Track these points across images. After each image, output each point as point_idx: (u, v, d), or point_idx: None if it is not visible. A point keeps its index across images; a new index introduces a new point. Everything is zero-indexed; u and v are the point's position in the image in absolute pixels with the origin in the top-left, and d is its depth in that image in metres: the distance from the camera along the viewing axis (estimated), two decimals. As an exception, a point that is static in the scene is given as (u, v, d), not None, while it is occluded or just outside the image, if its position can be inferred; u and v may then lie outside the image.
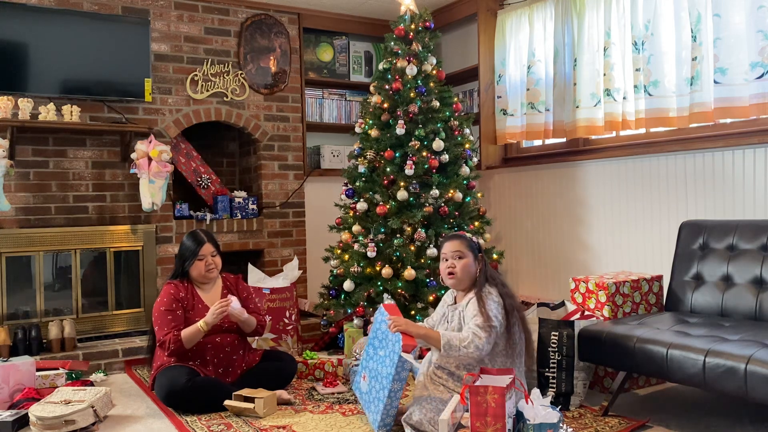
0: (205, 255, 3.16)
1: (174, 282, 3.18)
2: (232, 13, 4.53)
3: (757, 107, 3.02)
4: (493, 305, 2.57)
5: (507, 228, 4.57)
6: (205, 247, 3.16)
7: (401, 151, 3.77)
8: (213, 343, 3.09)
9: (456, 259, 2.71)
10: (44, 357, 3.53)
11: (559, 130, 4.06)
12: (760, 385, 2.14)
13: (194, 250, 3.16)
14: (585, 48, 3.81)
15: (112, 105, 4.08)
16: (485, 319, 2.50)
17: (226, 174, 4.96)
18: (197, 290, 3.20)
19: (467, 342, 2.46)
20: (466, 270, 2.69)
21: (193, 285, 3.21)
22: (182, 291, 3.15)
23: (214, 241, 3.24)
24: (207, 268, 3.17)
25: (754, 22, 3.01)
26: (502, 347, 2.57)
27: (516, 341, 2.60)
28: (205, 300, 3.18)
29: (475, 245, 2.75)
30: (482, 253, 2.74)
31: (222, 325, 3.10)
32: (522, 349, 2.64)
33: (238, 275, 3.40)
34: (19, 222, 3.85)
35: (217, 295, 3.22)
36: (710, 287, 2.93)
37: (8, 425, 2.64)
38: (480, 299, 2.59)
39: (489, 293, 2.62)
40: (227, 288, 3.28)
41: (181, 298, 3.12)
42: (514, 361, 2.59)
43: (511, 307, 2.61)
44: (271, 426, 2.72)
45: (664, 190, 3.53)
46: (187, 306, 3.12)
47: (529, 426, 2.16)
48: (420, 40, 3.89)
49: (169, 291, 3.13)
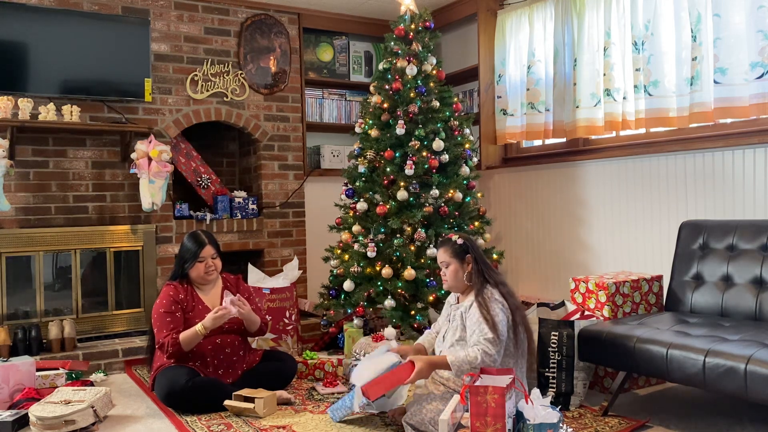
0: (206, 257, 3.15)
1: (173, 283, 3.17)
2: (232, 13, 4.53)
3: (757, 107, 3.02)
4: (497, 308, 2.53)
5: (507, 228, 4.57)
6: (206, 249, 3.15)
7: (401, 151, 3.77)
8: (213, 345, 3.08)
9: (445, 268, 2.71)
10: (44, 357, 3.53)
11: (559, 130, 4.06)
12: (760, 385, 2.14)
13: (195, 251, 3.14)
14: (585, 48, 3.81)
15: (112, 105, 4.08)
16: (491, 328, 2.45)
17: (226, 174, 4.96)
18: (197, 291, 3.20)
19: (478, 362, 2.40)
20: (455, 277, 2.68)
21: (192, 286, 3.20)
22: (181, 292, 3.14)
23: (215, 242, 3.23)
24: (207, 270, 3.16)
25: (754, 22, 3.01)
26: (507, 349, 2.55)
27: (521, 339, 2.58)
28: (204, 301, 3.18)
29: (461, 248, 2.69)
30: (470, 254, 2.67)
31: (223, 326, 3.10)
32: (525, 349, 2.61)
33: (238, 276, 3.39)
34: (19, 222, 3.85)
35: (217, 296, 3.22)
36: (710, 287, 2.93)
37: (8, 425, 2.64)
38: (482, 304, 2.54)
39: (491, 295, 2.58)
40: (227, 289, 3.27)
41: (180, 299, 3.11)
42: (518, 360, 2.58)
43: (514, 306, 2.59)
44: (271, 426, 2.72)
45: (664, 190, 3.53)
46: (186, 307, 3.11)
47: (529, 426, 2.16)
48: (420, 40, 3.89)
49: (168, 293, 3.11)
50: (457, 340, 2.60)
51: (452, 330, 2.65)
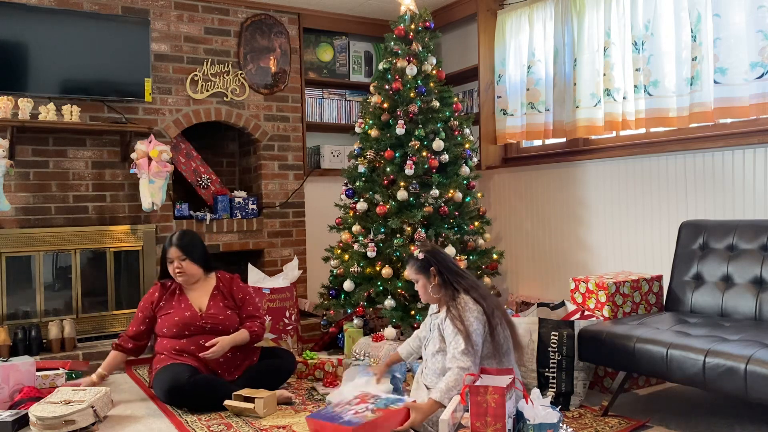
0: (173, 258, 3.16)
1: (160, 282, 3.24)
2: (232, 13, 4.53)
3: (757, 107, 3.02)
4: (471, 317, 2.47)
5: (507, 228, 4.57)
6: (171, 251, 3.16)
7: (401, 151, 3.77)
8: (196, 346, 3.07)
9: (416, 284, 2.70)
10: (44, 357, 3.53)
11: (559, 130, 4.06)
12: (760, 385, 2.14)
13: (163, 252, 3.21)
14: (585, 48, 3.81)
15: (112, 105, 4.08)
16: (465, 339, 2.42)
17: (226, 174, 4.96)
18: (185, 290, 3.21)
19: (459, 379, 2.36)
20: (424, 291, 2.66)
21: (181, 285, 3.22)
22: (159, 291, 3.21)
23: (186, 245, 3.17)
24: (173, 271, 3.17)
25: (754, 22, 3.01)
26: (488, 351, 2.51)
27: (501, 342, 2.52)
28: (191, 299, 3.18)
29: (424, 263, 2.64)
30: (433, 266, 2.62)
31: (204, 326, 3.10)
32: (509, 347, 2.57)
33: (234, 275, 3.35)
34: (19, 222, 3.85)
35: (205, 296, 3.20)
36: (710, 287, 2.93)
37: (8, 425, 2.63)
38: (455, 317, 2.48)
39: (464, 305, 2.51)
40: (218, 289, 3.24)
41: (155, 299, 3.19)
42: (501, 360, 2.52)
43: (490, 310, 2.52)
44: (271, 426, 2.72)
45: (664, 190, 3.53)
46: (164, 305, 3.17)
47: (529, 426, 2.17)
48: (420, 40, 3.89)
49: (148, 294, 3.24)
50: (437, 351, 2.57)
51: (432, 340, 2.62)
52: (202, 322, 3.10)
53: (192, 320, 3.10)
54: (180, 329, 3.09)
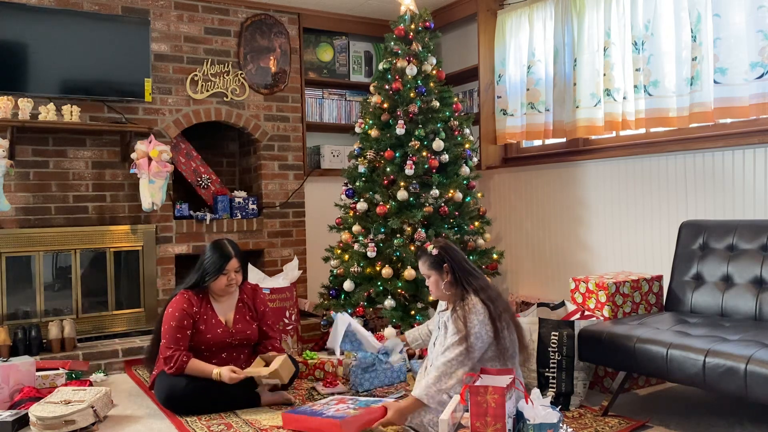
0: (230, 271, 3.01)
1: (188, 293, 3.03)
2: (232, 13, 4.53)
3: (757, 107, 3.02)
4: (475, 320, 2.45)
5: (507, 228, 4.57)
6: (232, 263, 3.00)
7: (401, 151, 3.77)
8: (219, 359, 3.05)
9: (427, 279, 2.68)
10: (44, 357, 3.53)
11: (559, 130, 4.06)
12: (760, 385, 2.14)
13: (220, 265, 2.98)
14: (585, 48, 3.81)
15: (112, 105, 4.08)
16: (463, 340, 2.42)
17: (226, 174, 4.96)
18: (212, 301, 3.08)
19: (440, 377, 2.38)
20: (436, 287, 2.65)
21: (209, 296, 3.09)
22: (195, 304, 3.02)
23: (241, 254, 3.07)
24: (228, 283, 3.03)
25: (754, 22, 3.01)
26: (492, 354, 2.50)
27: (506, 346, 2.50)
28: (218, 312, 3.07)
29: (437, 258, 2.62)
30: (447, 263, 2.60)
31: (232, 343, 3.07)
32: (515, 351, 2.55)
33: (255, 286, 3.26)
34: (19, 222, 3.85)
35: (232, 307, 3.13)
36: (710, 287, 2.93)
37: (8, 425, 2.64)
38: (459, 317, 2.47)
39: (472, 306, 2.49)
40: (242, 301, 3.16)
41: (193, 312, 2.99)
42: (505, 363, 2.52)
43: (497, 314, 2.49)
44: (271, 426, 2.72)
45: (664, 190, 3.53)
46: (198, 320, 3.01)
47: (529, 426, 2.16)
48: (420, 40, 3.89)
49: (182, 305, 2.98)
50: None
51: (441, 338, 2.61)
52: (232, 339, 3.06)
53: (223, 337, 3.03)
54: (210, 347, 3.02)
